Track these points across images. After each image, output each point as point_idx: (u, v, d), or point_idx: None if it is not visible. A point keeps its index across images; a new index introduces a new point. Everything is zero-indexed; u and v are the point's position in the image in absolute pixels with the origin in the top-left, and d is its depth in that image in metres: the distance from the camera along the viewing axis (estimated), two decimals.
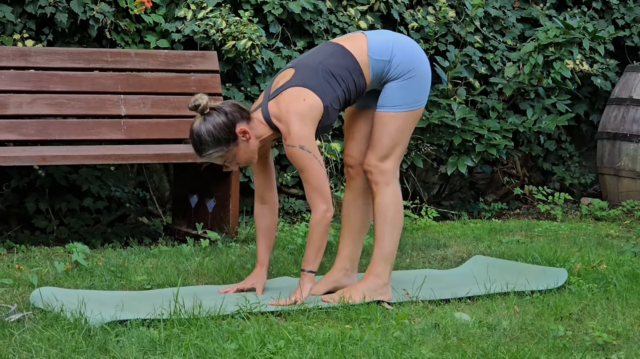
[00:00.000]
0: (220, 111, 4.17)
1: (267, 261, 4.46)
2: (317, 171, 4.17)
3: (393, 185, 4.33)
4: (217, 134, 4.14)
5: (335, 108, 4.24)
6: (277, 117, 4.20)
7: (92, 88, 5.91)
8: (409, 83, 4.29)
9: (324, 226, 4.19)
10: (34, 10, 5.99)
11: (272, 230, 4.46)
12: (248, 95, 6.54)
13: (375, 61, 4.27)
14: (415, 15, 7.14)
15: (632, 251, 5.46)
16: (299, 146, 4.13)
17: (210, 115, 4.16)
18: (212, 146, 4.16)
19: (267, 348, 3.46)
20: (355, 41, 4.33)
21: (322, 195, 4.17)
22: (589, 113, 7.89)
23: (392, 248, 4.35)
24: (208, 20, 6.32)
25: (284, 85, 4.23)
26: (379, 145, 4.30)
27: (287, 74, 4.27)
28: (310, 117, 4.17)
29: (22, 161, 5.27)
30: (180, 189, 6.16)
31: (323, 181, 4.18)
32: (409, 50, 4.33)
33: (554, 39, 6.87)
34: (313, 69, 4.23)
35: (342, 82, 4.23)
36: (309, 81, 4.20)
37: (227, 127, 4.15)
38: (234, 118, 4.17)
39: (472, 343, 3.65)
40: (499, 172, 7.65)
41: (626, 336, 3.80)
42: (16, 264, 4.92)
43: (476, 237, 6.00)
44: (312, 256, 4.22)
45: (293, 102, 4.17)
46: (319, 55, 4.30)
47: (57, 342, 3.49)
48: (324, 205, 4.18)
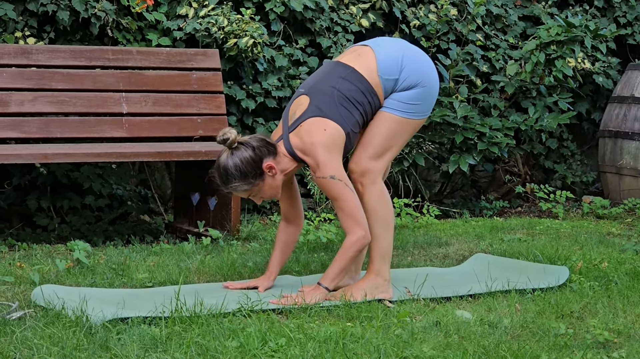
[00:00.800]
0: (248, 146, 4.16)
1: (276, 271, 4.49)
2: (351, 199, 4.18)
3: (378, 183, 4.32)
4: (244, 169, 4.14)
5: (355, 132, 4.24)
6: (302, 150, 4.19)
7: (93, 86, 5.91)
8: (416, 93, 4.29)
9: (356, 251, 4.21)
10: (35, 8, 5.99)
11: (290, 246, 4.49)
12: (250, 93, 6.54)
13: (385, 80, 4.27)
14: (417, 13, 7.14)
15: (634, 249, 5.46)
16: (329, 176, 4.14)
17: (238, 150, 4.16)
18: (238, 180, 4.16)
19: (268, 346, 3.46)
20: (364, 61, 4.28)
21: (358, 222, 4.19)
22: (591, 111, 7.89)
23: (388, 246, 4.36)
24: (210, 18, 6.32)
25: (302, 116, 4.21)
26: (372, 143, 4.29)
27: (303, 102, 4.24)
28: (335, 146, 4.16)
29: (23, 159, 5.27)
30: (181, 187, 6.16)
31: (357, 207, 4.19)
32: (417, 65, 4.31)
33: (556, 37, 6.87)
34: (329, 96, 4.21)
35: (359, 105, 4.23)
36: (326, 109, 4.18)
37: (255, 162, 4.15)
38: (261, 154, 4.17)
39: (473, 340, 3.65)
40: (501, 170, 7.65)
41: (627, 334, 3.80)
42: (18, 262, 4.92)
43: (478, 235, 6.00)
44: (333, 274, 4.22)
45: (315, 133, 4.16)
46: (330, 78, 4.27)
47: (59, 340, 3.50)
48: (362, 231, 4.19)
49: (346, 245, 4.20)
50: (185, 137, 6.08)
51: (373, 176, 4.30)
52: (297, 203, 4.45)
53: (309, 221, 5.87)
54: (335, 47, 6.79)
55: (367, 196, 4.30)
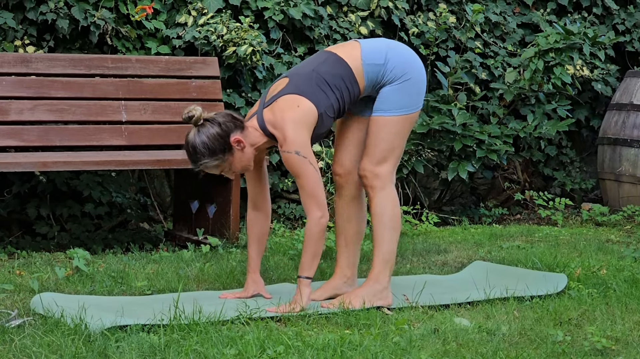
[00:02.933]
0: (214, 122, 4.20)
1: (258, 265, 4.50)
2: (313, 177, 4.18)
3: (389, 189, 4.34)
4: (211, 145, 4.17)
5: (329, 115, 4.25)
6: (272, 124, 4.22)
7: (93, 94, 5.92)
8: (404, 87, 4.30)
9: (318, 233, 4.20)
10: (35, 16, 6.00)
11: (264, 237, 4.49)
12: (249, 101, 6.55)
13: (368, 66, 4.28)
14: (416, 20, 7.15)
15: (633, 257, 5.46)
16: (294, 152, 4.15)
17: (204, 127, 4.19)
18: (207, 157, 4.19)
19: (266, 354, 3.47)
20: (348, 49, 4.35)
21: (316, 201, 4.18)
22: (590, 118, 7.89)
23: (392, 252, 4.36)
24: (209, 26, 6.33)
25: (278, 93, 4.25)
26: (374, 149, 4.31)
27: (282, 83, 4.30)
28: (305, 123, 4.19)
29: (23, 167, 5.28)
30: (181, 195, 6.17)
31: (318, 187, 4.19)
32: (403, 55, 4.35)
33: (555, 45, 6.88)
34: (307, 77, 4.26)
35: (335, 89, 4.25)
36: (303, 88, 4.22)
37: (222, 137, 4.18)
38: (227, 129, 4.19)
39: (471, 348, 3.65)
40: (500, 177, 7.66)
41: (625, 341, 3.81)
42: (17, 270, 4.93)
43: (477, 242, 6.00)
44: (308, 262, 4.22)
45: (287, 108, 4.19)
46: (312, 63, 4.33)
47: (58, 348, 3.50)
48: (319, 211, 4.18)
49: (308, 230, 4.20)
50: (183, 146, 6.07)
51: (383, 181, 4.32)
52: (265, 186, 4.45)
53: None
54: None
55: (376, 201, 4.31)
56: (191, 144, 4.20)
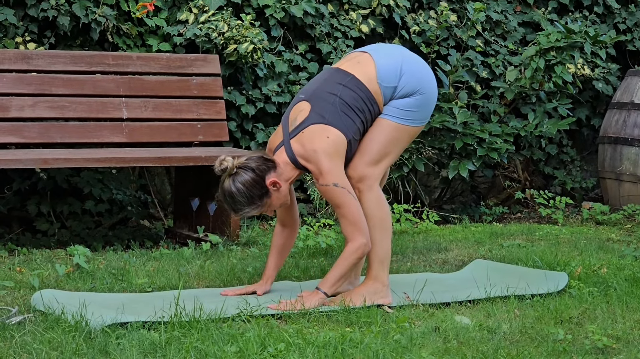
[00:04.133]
0: (247, 168, 4.16)
1: (273, 276, 4.49)
2: (354, 206, 4.19)
3: (375, 189, 4.32)
4: (249, 193, 4.16)
5: (356, 139, 4.26)
6: (304, 158, 4.20)
7: (93, 92, 5.92)
8: (414, 101, 4.30)
9: (357, 259, 4.23)
10: (36, 13, 6.00)
11: (286, 250, 4.49)
12: (249, 98, 6.54)
13: (385, 88, 4.28)
14: (417, 19, 7.15)
15: (633, 255, 5.46)
16: (332, 184, 4.15)
17: (238, 175, 4.16)
18: (246, 205, 4.18)
19: (267, 351, 3.47)
20: (364, 68, 4.29)
21: (360, 230, 4.20)
22: (591, 117, 7.89)
23: (386, 251, 4.36)
24: (210, 23, 6.33)
25: (303, 122, 4.22)
26: (369, 149, 4.30)
27: (303, 109, 4.25)
28: (337, 153, 4.18)
29: (23, 164, 5.28)
30: (181, 192, 6.17)
31: (359, 215, 4.20)
32: (416, 72, 4.32)
33: (556, 43, 6.88)
34: (330, 103, 4.22)
35: (360, 112, 4.24)
36: (328, 116, 4.19)
37: (257, 183, 4.16)
38: (262, 173, 4.17)
39: (472, 346, 3.65)
40: (500, 175, 7.66)
41: (626, 339, 3.81)
42: (17, 266, 4.93)
43: (477, 241, 6.00)
44: (332, 280, 4.23)
45: (317, 140, 4.17)
46: (331, 85, 4.27)
47: (58, 344, 3.50)
48: (363, 239, 4.20)
49: (347, 252, 4.21)
50: (185, 143, 6.09)
51: (370, 182, 4.31)
52: (294, 207, 4.45)
53: (309, 227, 5.87)
54: (335, 52, 6.80)
55: (364, 202, 4.30)
56: (228, 194, 4.17)
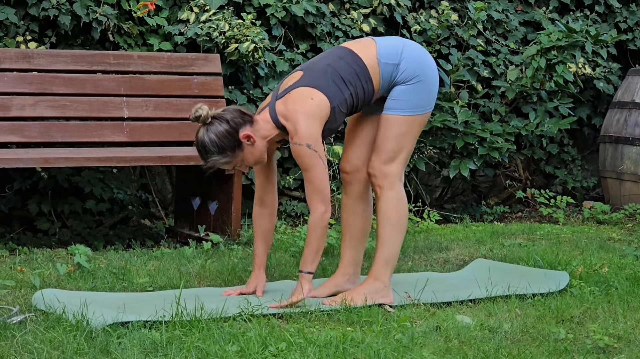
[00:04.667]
0: (222, 119, 4.19)
1: (264, 262, 4.48)
2: (321, 171, 4.18)
3: (397, 188, 4.33)
4: (220, 143, 4.17)
5: (342, 111, 4.25)
6: (285, 116, 4.21)
7: (94, 91, 5.92)
8: (416, 88, 4.30)
9: (321, 228, 4.20)
10: (37, 12, 6.00)
11: (270, 232, 4.48)
12: (251, 97, 6.54)
13: (384, 65, 4.28)
14: (418, 18, 7.15)
15: (634, 255, 5.46)
16: (305, 144, 4.15)
17: (212, 125, 4.19)
18: (216, 154, 4.19)
19: (268, 350, 3.47)
20: (364, 46, 4.34)
21: (321, 196, 4.18)
22: (592, 116, 7.89)
23: (395, 252, 4.36)
24: (211, 22, 6.32)
25: (292, 86, 4.25)
26: (383, 148, 4.30)
27: (296, 76, 4.29)
28: (317, 116, 4.18)
29: (24, 163, 5.28)
30: (182, 191, 6.17)
31: (325, 182, 4.19)
32: (417, 55, 4.34)
33: (557, 43, 6.87)
34: (322, 71, 4.25)
35: (350, 85, 4.24)
36: (317, 81, 4.21)
37: (230, 134, 4.18)
38: (236, 125, 4.18)
39: (473, 345, 3.65)
40: (501, 175, 7.66)
41: (627, 339, 3.81)
42: (18, 266, 4.93)
43: (478, 240, 6.00)
44: (310, 257, 4.22)
45: (301, 101, 4.18)
46: (328, 58, 4.32)
47: (59, 344, 3.50)
48: (323, 206, 4.18)
49: (310, 225, 4.20)
50: (186, 142, 6.08)
51: (391, 180, 4.31)
52: (273, 182, 4.45)
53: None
54: None
55: (383, 200, 4.31)
56: (201, 143, 4.20)
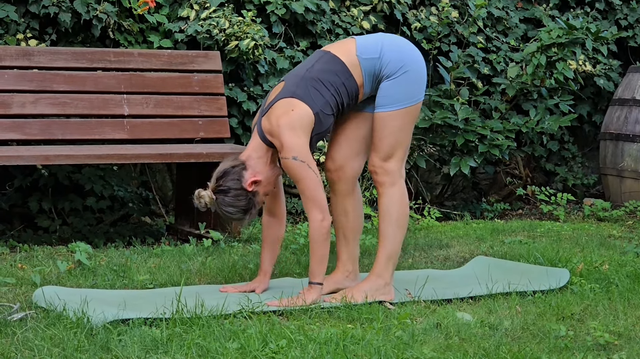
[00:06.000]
0: (223, 189, 4.20)
1: (270, 269, 4.49)
2: (312, 180, 4.17)
3: (399, 185, 4.33)
4: (239, 207, 4.21)
5: (326, 113, 4.24)
6: (270, 133, 4.21)
7: (95, 88, 5.92)
8: (402, 80, 4.29)
9: (322, 236, 4.19)
10: (37, 10, 6.00)
11: (278, 241, 4.49)
12: (251, 95, 6.54)
13: (364, 60, 4.28)
14: (418, 15, 7.15)
15: (635, 252, 5.46)
16: (292, 157, 4.14)
17: (220, 199, 4.20)
18: (243, 214, 4.23)
19: (269, 347, 3.47)
20: (343, 45, 4.35)
21: (317, 205, 4.17)
22: (592, 113, 7.89)
23: (396, 249, 4.36)
24: (211, 20, 6.32)
25: (274, 99, 4.25)
26: (380, 145, 4.30)
27: (279, 87, 4.30)
28: (300, 127, 4.17)
29: (25, 160, 5.28)
30: (183, 189, 6.17)
31: (318, 190, 4.18)
32: (398, 47, 4.33)
33: (557, 40, 6.87)
34: (299, 78, 4.25)
35: (330, 86, 4.24)
36: (296, 90, 4.21)
37: (240, 194, 4.20)
38: (237, 183, 4.20)
39: (473, 342, 3.65)
40: (502, 172, 7.66)
41: (628, 336, 3.81)
42: (19, 263, 4.93)
43: (479, 237, 6.00)
44: (315, 267, 4.22)
45: (282, 113, 4.18)
46: (306, 64, 4.33)
47: (60, 341, 3.50)
48: (320, 214, 4.18)
49: (311, 235, 4.20)
50: (187, 139, 6.08)
51: (393, 177, 4.31)
52: (280, 193, 4.46)
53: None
54: None
55: (384, 197, 4.31)
56: (227, 217, 4.25)
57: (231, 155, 4.35)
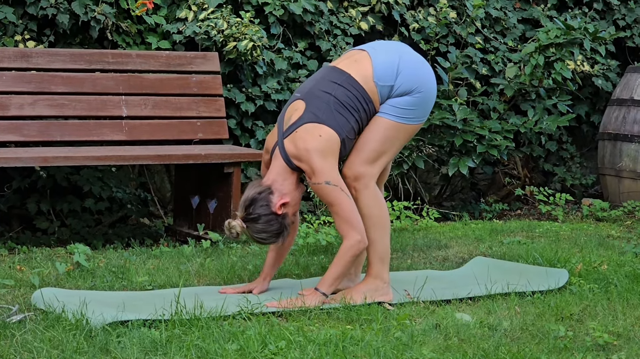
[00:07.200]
0: (253, 217, 4.18)
1: (271, 274, 4.49)
2: (346, 203, 4.18)
3: (371, 187, 4.31)
4: (272, 232, 4.20)
5: (350, 138, 4.24)
6: (297, 157, 4.19)
7: (93, 90, 5.92)
8: (412, 100, 4.28)
9: (352, 256, 4.21)
10: (35, 11, 6.00)
11: (286, 248, 4.50)
12: (249, 96, 6.54)
13: (381, 87, 4.26)
14: (417, 16, 7.15)
15: (633, 252, 5.46)
16: (324, 182, 4.14)
17: (251, 228, 4.20)
18: (277, 237, 4.22)
19: (268, 349, 3.47)
20: (360, 67, 4.28)
21: (354, 227, 4.18)
22: (590, 114, 7.89)
23: (386, 249, 4.36)
24: (209, 21, 6.32)
25: (297, 122, 4.21)
26: (365, 148, 4.28)
27: (298, 107, 4.24)
28: (330, 152, 4.16)
29: (23, 162, 5.28)
30: (181, 190, 6.17)
31: (353, 212, 4.19)
32: (413, 71, 4.30)
33: (555, 40, 6.87)
34: (324, 102, 4.21)
35: (354, 112, 4.23)
36: (322, 115, 4.18)
37: (270, 219, 4.19)
38: (267, 208, 4.18)
39: (473, 343, 3.65)
40: (500, 172, 7.66)
41: (627, 336, 3.81)
42: (18, 265, 4.92)
43: (477, 238, 6.00)
44: (330, 279, 4.22)
45: (310, 139, 4.16)
46: (326, 84, 4.26)
47: (59, 343, 3.50)
48: (358, 236, 4.19)
49: (343, 250, 4.20)
50: (185, 140, 6.08)
51: (366, 180, 4.29)
52: None
53: (309, 224, 5.87)
54: (334, 50, 6.80)
55: (361, 201, 4.29)
56: (261, 243, 4.25)
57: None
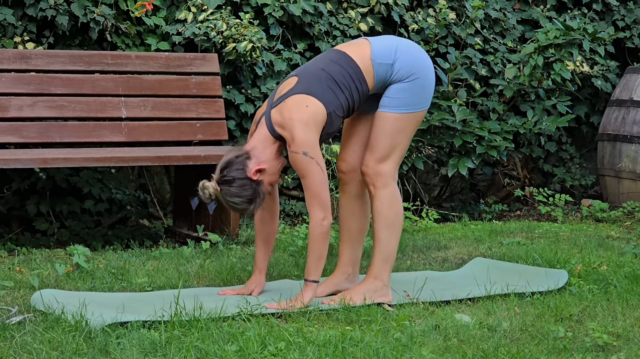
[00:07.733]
0: (227, 180, 4.18)
1: (265, 266, 4.47)
2: (319, 178, 4.16)
3: (391, 187, 4.32)
4: (244, 197, 4.18)
5: (338, 115, 4.24)
6: (281, 125, 4.19)
7: (92, 91, 5.92)
8: (411, 86, 4.29)
9: (322, 235, 4.17)
10: (34, 12, 6.00)
11: (272, 236, 4.47)
12: (249, 97, 6.54)
13: (378, 64, 4.27)
14: (416, 17, 7.15)
15: (633, 253, 5.46)
16: (302, 152, 4.14)
17: (225, 190, 4.18)
18: (249, 204, 4.19)
19: (267, 350, 3.47)
20: (358, 47, 4.32)
21: (320, 203, 4.16)
22: (590, 114, 7.89)
23: (392, 251, 4.35)
24: (209, 22, 6.32)
25: (287, 93, 4.22)
26: (377, 145, 4.30)
27: (291, 82, 4.27)
28: (313, 124, 4.17)
29: (23, 163, 5.28)
30: (181, 191, 6.17)
31: (323, 188, 4.17)
32: (411, 54, 4.32)
33: (554, 40, 6.87)
34: (316, 76, 4.23)
35: (345, 89, 4.23)
36: (312, 87, 4.20)
37: (244, 184, 4.17)
38: (242, 172, 4.17)
39: (472, 344, 3.65)
40: (500, 173, 7.66)
41: (626, 337, 3.81)
42: (17, 266, 4.93)
43: (477, 239, 6.00)
44: (312, 265, 4.20)
45: (296, 109, 4.16)
46: (321, 62, 4.30)
47: (58, 344, 3.50)
48: (322, 213, 4.17)
49: (311, 233, 4.19)
50: (185, 142, 6.08)
51: (385, 179, 4.30)
52: (274, 190, 4.44)
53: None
54: None
55: (377, 200, 4.30)
56: (233, 207, 4.22)
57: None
